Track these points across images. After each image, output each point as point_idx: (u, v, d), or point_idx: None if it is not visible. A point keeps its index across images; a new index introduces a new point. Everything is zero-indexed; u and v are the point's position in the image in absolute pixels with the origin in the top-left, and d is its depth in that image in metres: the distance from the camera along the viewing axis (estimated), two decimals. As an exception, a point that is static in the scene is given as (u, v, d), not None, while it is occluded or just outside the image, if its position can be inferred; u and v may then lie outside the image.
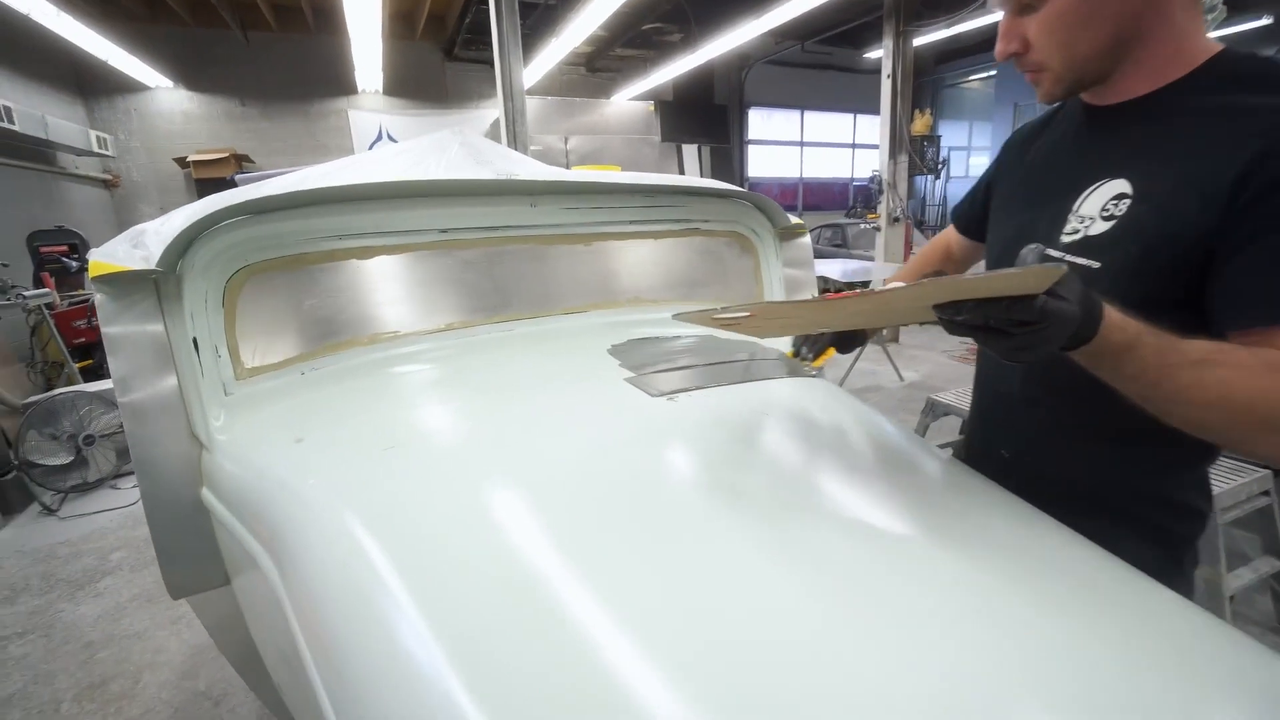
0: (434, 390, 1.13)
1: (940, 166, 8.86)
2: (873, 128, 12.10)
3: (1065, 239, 0.79)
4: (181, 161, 7.41)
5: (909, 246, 6.44)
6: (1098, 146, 0.80)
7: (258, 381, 1.06)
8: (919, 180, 10.55)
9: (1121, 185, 0.74)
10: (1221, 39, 0.74)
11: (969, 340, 0.59)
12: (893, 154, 6.00)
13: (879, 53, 5.83)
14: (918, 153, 5.98)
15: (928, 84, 11.45)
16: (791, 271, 1.65)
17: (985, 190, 1.04)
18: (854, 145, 12.66)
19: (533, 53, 6.66)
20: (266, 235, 1.10)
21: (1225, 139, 0.66)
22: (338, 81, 7.98)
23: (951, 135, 11.76)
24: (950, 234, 1.14)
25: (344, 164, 1.45)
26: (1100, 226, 0.75)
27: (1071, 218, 0.79)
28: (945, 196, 11.32)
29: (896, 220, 6.18)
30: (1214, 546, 1.97)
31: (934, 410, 2.99)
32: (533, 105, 6.08)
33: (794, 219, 1.65)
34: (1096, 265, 0.75)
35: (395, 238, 1.23)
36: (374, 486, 0.80)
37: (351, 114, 8.02)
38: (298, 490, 0.83)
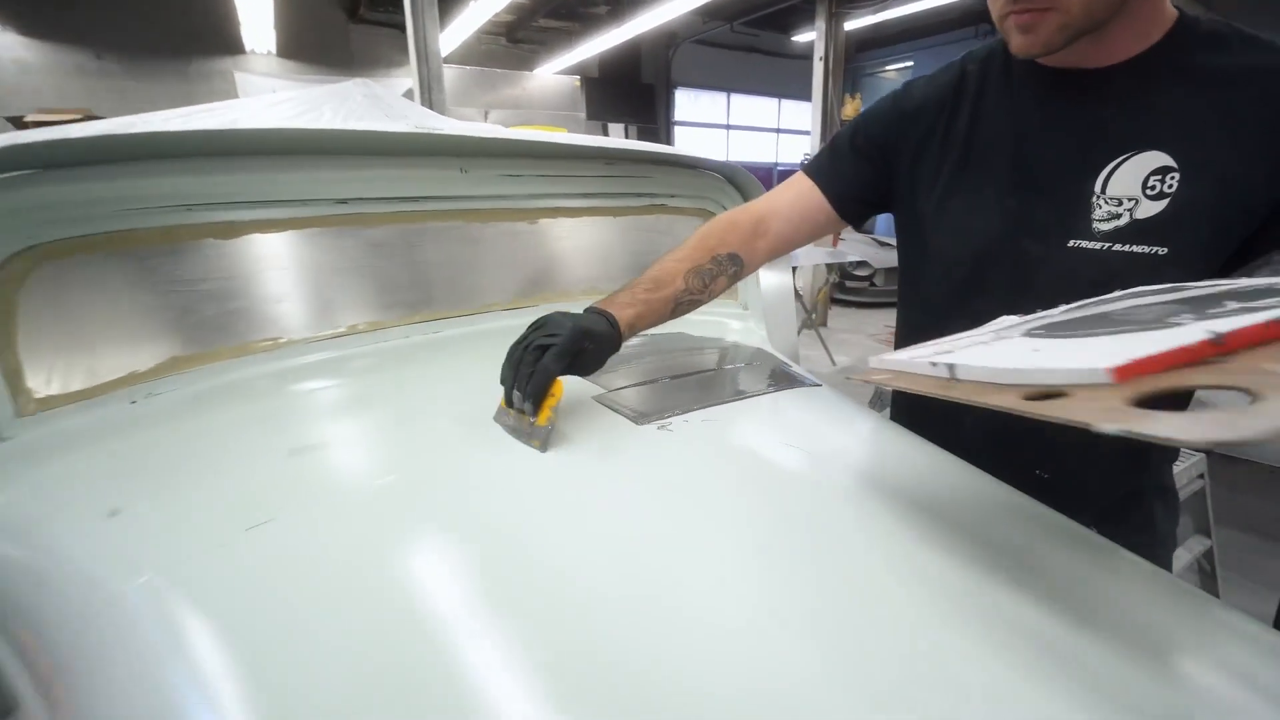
0: (329, 424, 0.83)
1: (868, 152, 8.98)
2: (797, 113, 12.24)
3: (1102, 226, 0.69)
4: (18, 122, 6.27)
5: (837, 231, 6.47)
6: (1098, 116, 0.70)
7: (55, 418, 0.72)
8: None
9: (1159, 158, 0.66)
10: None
11: (892, 324, 0.57)
12: (824, 138, 5.97)
13: (806, 37, 5.76)
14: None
15: (848, 71, 11.68)
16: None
17: (876, 160, 0.85)
18: (779, 130, 12.77)
19: (449, 18, 6.11)
20: (70, 200, 0.75)
21: (1268, 102, 0.63)
22: (221, 38, 7.00)
23: (870, 123, 11.99)
24: (778, 201, 0.92)
25: (202, 110, 1.09)
26: (1151, 207, 0.67)
27: (1099, 201, 0.69)
28: (866, 183, 11.59)
29: (828, 205, 6.18)
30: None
31: (882, 399, 2.92)
32: (450, 75, 5.53)
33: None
34: (1163, 251, 0.67)
35: (273, 209, 0.91)
36: (233, 593, 0.51)
37: (239, 77, 7.06)
38: (108, 597, 0.53)
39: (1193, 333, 0.41)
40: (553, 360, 0.68)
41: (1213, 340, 0.40)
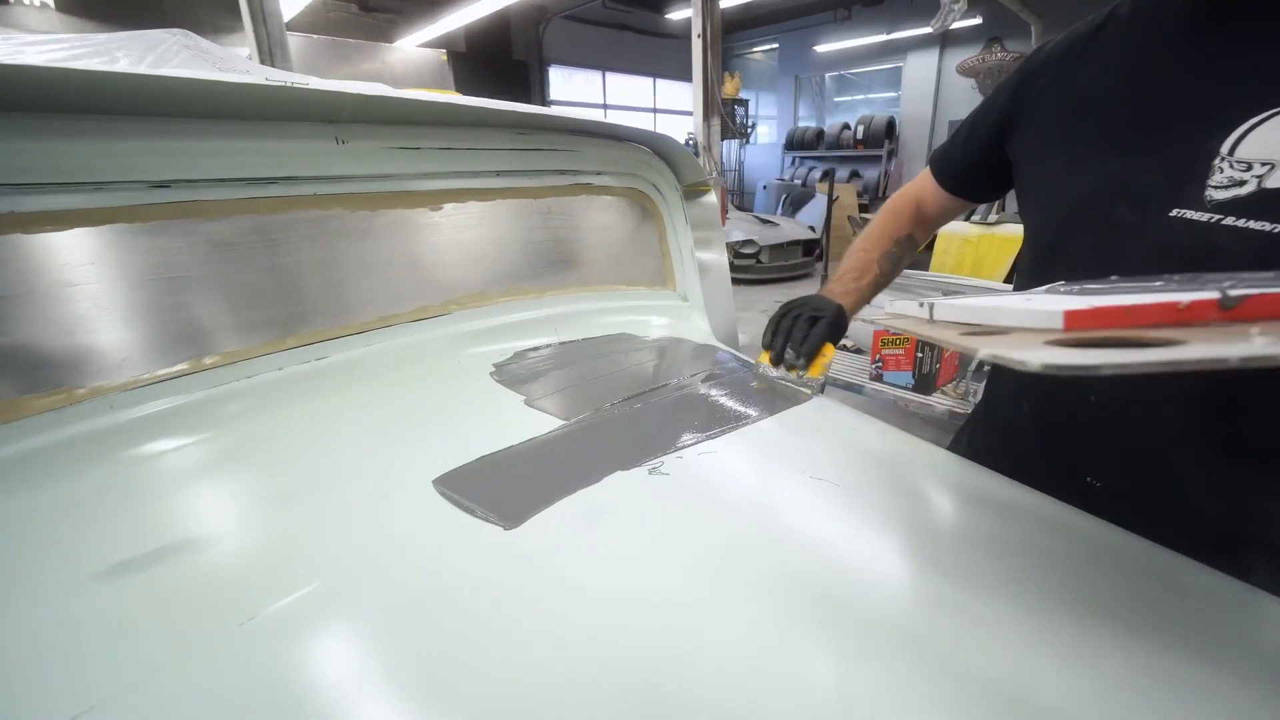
0: (168, 516, 0.55)
1: (749, 130, 9.17)
2: (672, 92, 12.30)
3: (1217, 195, 0.56)
4: None
5: (725, 209, 6.55)
6: (1253, 58, 0.56)
7: None
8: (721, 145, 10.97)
9: None
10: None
11: (781, 299, 0.50)
12: (706, 116, 5.98)
13: (679, 15, 5.70)
14: (729, 115, 6.03)
15: (721, 51, 11.87)
16: (702, 236, 1.30)
17: (994, 132, 0.78)
18: (655, 110, 12.77)
19: (285, -26, 5.32)
20: None
21: None
22: (-27, -15, 5.63)
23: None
24: (924, 186, 0.94)
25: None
26: None
27: (1222, 164, 0.56)
28: (742, 161, 11.92)
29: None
30: None
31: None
32: (295, 44, 4.78)
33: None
34: None
35: (44, 196, 0.61)
36: None
37: (3, 34, 5.74)
38: None
39: (1200, 294, 0.34)
40: (824, 328, 0.82)
41: (1220, 301, 0.33)
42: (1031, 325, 0.39)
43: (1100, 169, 0.64)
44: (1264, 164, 0.54)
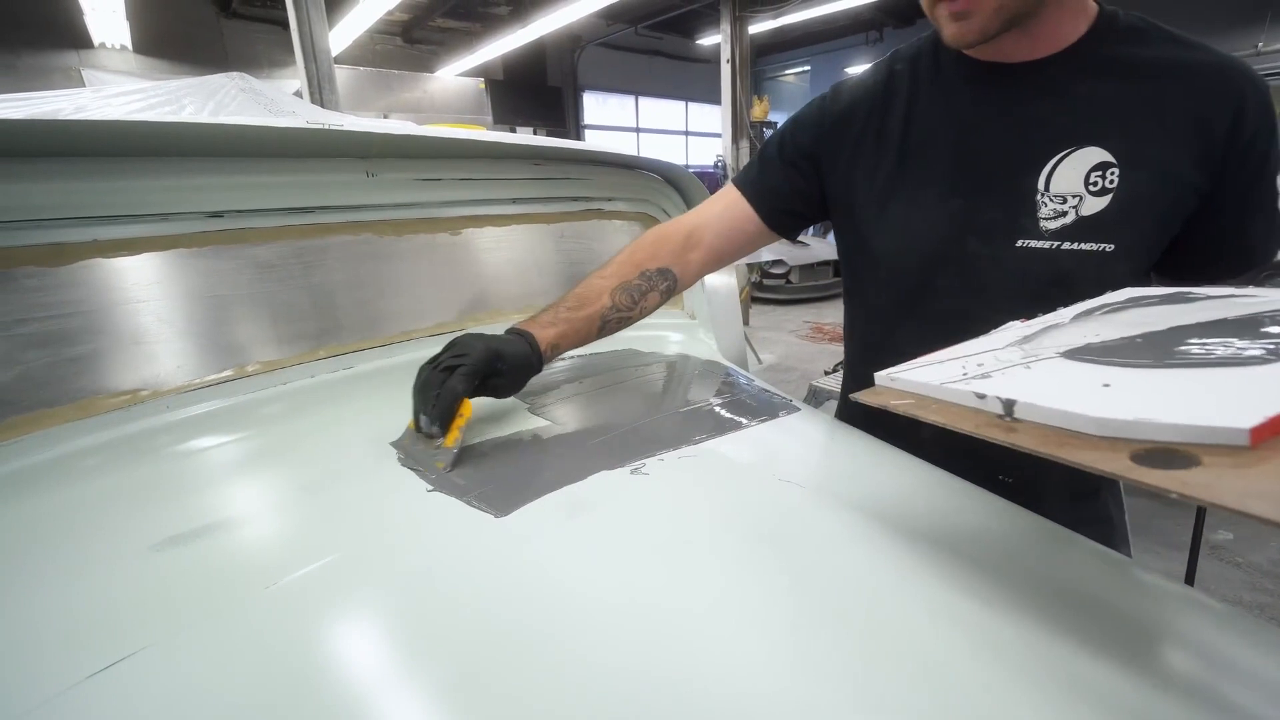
0: (211, 502, 0.64)
1: (777, 152, 9.24)
2: (704, 116, 12.48)
3: (1050, 225, 0.68)
4: None
5: (753, 231, 6.59)
6: (1035, 111, 0.68)
7: None
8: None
9: (1099, 153, 0.65)
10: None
11: (810, 319, 0.67)
12: (735, 139, 6.08)
13: (709, 40, 5.84)
14: (758, 138, 6.13)
15: (751, 75, 12.05)
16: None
17: (805, 169, 0.82)
18: (687, 133, 12.97)
19: (336, 14, 5.68)
20: None
21: (1191, 95, 0.64)
22: (61, 28, 6.11)
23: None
24: (708, 216, 0.87)
25: (13, 99, 0.87)
26: (1095, 204, 0.66)
27: (1044, 199, 0.68)
28: (773, 183, 11.97)
29: (742, 205, 6.29)
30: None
31: (816, 397, 2.94)
32: (342, 76, 5.10)
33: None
34: (1110, 248, 0.66)
35: (121, 226, 0.71)
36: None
37: (89, 75, 6.23)
38: None
39: None
40: (460, 381, 0.65)
41: None
42: (1211, 441, 0.33)
43: (944, 210, 0.72)
44: (1074, 195, 0.66)
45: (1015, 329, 0.58)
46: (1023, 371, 0.46)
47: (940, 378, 0.47)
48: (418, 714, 0.40)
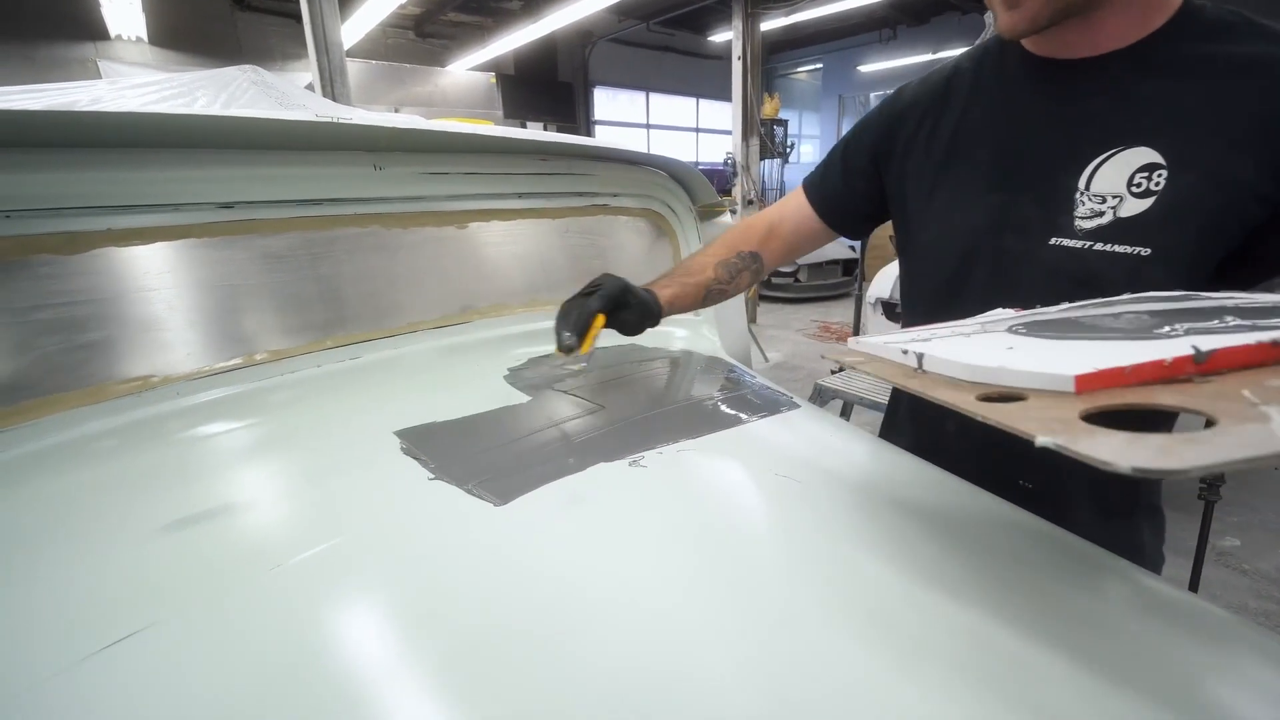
0: (220, 485, 0.66)
1: (788, 150, 9.22)
2: (715, 112, 12.43)
3: (1085, 224, 0.66)
4: None
5: (762, 229, 6.58)
6: (1088, 109, 0.66)
7: None
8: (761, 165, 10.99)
9: (1147, 154, 0.62)
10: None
11: (818, 319, 0.65)
12: (745, 136, 6.06)
13: (720, 37, 5.81)
14: (768, 135, 6.09)
15: (763, 72, 11.98)
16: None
17: (869, 165, 0.86)
18: (698, 130, 12.92)
19: (349, 8, 5.70)
20: None
21: (1266, 95, 0.59)
22: (77, 20, 6.15)
23: (783, 123, 12.38)
24: (784, 211, 0.95)
25: (29, 90, 0.89)
26: (1135, 205, 0.63)
27: (1082, 198, 0.66)
28: (784, 181, 11.95)
29: (751, 203, 6.27)
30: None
31: (821, 395, 2.94)
32: (354, 70, 5.12)
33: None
34: (1146, 252, 0.63)
35: (134, 216, 0.73)
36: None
37: (105, 66, 6.29)
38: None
39: (1176, 346, 0.38)
40: (596, 301, 0.77)
41: (1194, 357, 0.37)
42: (1043, 387, 0.39)
43: (983, 204, 0.73)
44: (1114, 196, 0.64)
45: (1001, 314, 0.60)
46: (961, 340, 0.51)
47: (888, 340, 0.53)
48: (417, 693, 0.41)
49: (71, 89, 1.07)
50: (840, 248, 7.33)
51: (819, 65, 11.20)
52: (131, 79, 1.29)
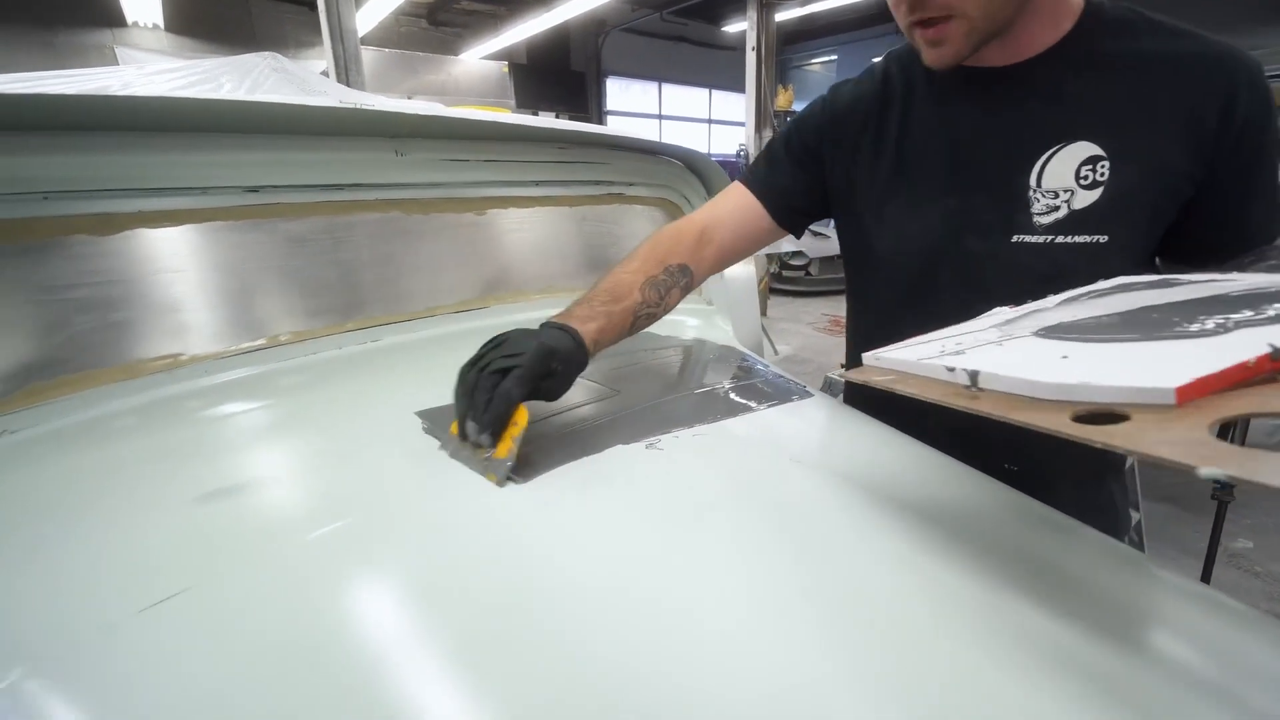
0: (246, 461, 0.68)
1: (799, 143, 9.11)
2: (728, 104, 12.35)
3: (1042, 220, 0.70)
4: None
5: (773, 221, 6.54)
6: (1024, 111, 0.70)
7: None
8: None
9: (1089, 148, 0.67)
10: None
11: (829, 312, 0.64)
12: (758, 128, 6.03)
13: (734, 27, 5.76)
14: (782, 127, 6.03)
15: (777, 64, 11.88)
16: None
17: (811, 166, 0.84)
18: (710, 121, 12.86)
19: (363, -6, 5.71)
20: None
21: (1181, 85, 0.65)
22: (96, 6, 6.20)
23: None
24: (718, 213, 0.87)
25: (62, 75, 0.90)
26: (1086, 197, 0.68)
27: (1036, 195, 0.70)
28: (795, 174, 11.84)
29: (763, 195, 6.24)
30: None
31: (832, 389, 2.94)
32: (368, 57, 5.13)
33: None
34: (1105, 239, 0.68)
35: (165, 198, 0.74)
36: (133, 694, 0.39)
37: (121, 53, 6.34)
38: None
39: (1249, 345, 0.37)
40: (515, 385, 0.60)
41: (1271, 354, 0.36)
42: (1143, 401, 0.36)
43: (939, 210, 0.75)
44: (1065, 190, 0.68)
45: (1003, 314, 0.59)
46: (994, 349, 0.49)
47: (919, 355, 0.50)
48: (441, 660, 0.42)
49: (101, 74, 1.09)
50: (852, 242, 7.27)
51: (834, 57, 11.09)
52: (156, 65, 1.32)
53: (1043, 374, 0.40)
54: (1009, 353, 0.47)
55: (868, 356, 0.54)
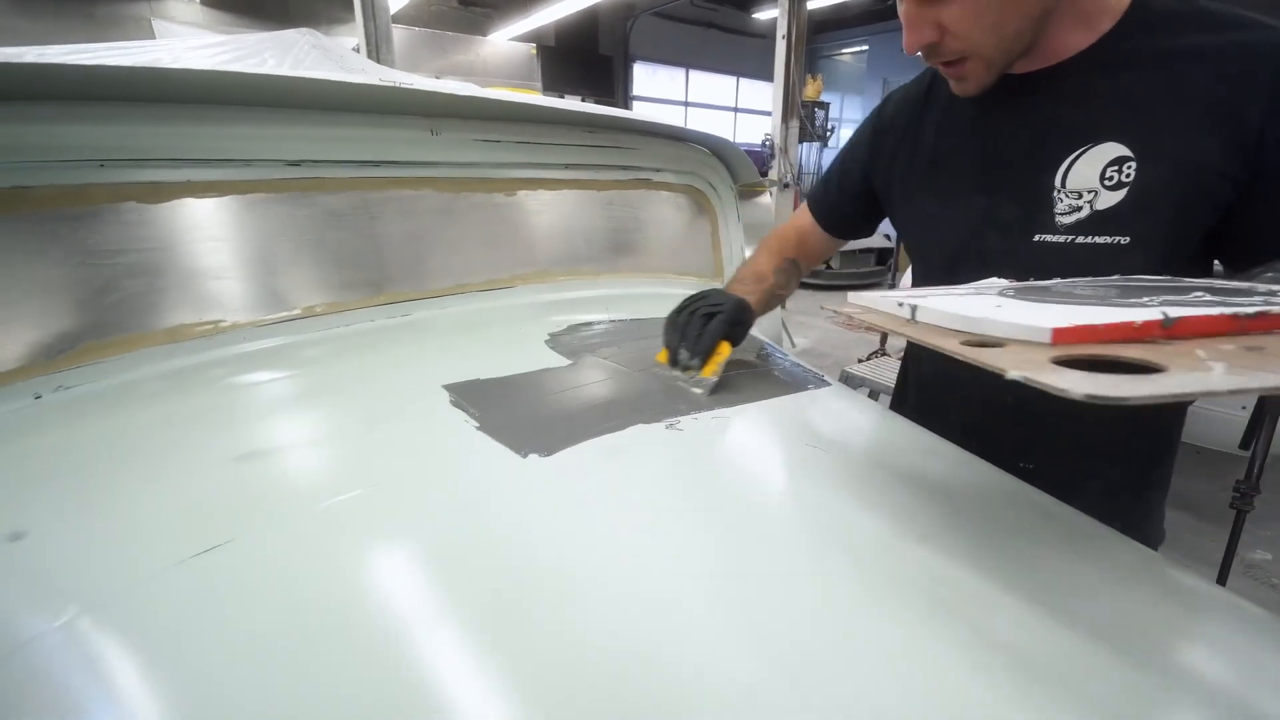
0: (283, 424, 0.71)
1: (828, 133, 9.01)
2: (755, 92, 12.19)
3: (1065, 219, 0.70)
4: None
5: (797, 213, 6.48)
6: (1053, 114, 0.71)
7: (-65, 419, 0.59)
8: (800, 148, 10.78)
9: (1116, 148, 0.66)
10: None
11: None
12: (785, 118, 5.95)
13: (765, 14, 5.67)
14: (809, 118, 5.97)
15: (807, 53, 11.67)
16: (755, 234, 1.38)
17: (860, 181, 0.93)
18: (736, 109, 12.72)
19: (395, -29, 5.71)
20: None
21: (1220, 80, 0.62)
22: (134, -20, 6.34)
23: (825, 106, 12.08)
24: (804, 222, 1.02)
25: (115, 47, 0.93)
26: (1110, 198, 0.67)
27: (1060, 195, 0.70)
28: (820, 165, 11.73)
29: (786, 186, 6.18)
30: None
31: (849, 383, 2.94)
32: (398, 36, 5.16)
33: (755, 174, 1.38)
34: (1125, 240, 0.68)
35: (210, 169, 0.77)
36: (182, 636, 0.42)
37: (158, 26, 6.44)
38: (16, 644, 0.42)
39: (1148, 313, 0.42)
40: (720, 325, 0.80)
41: (1162, 322, 0.41)
42: (1023, 338, 0.43)
43: (966, 206, 0.77)
44: (1089, 191, 0.68)
45: (999, 283, 0.63)
46: (953, 298, 0.55)
47: (885, 295, 0.58)
48: (463, 620, 0.45)
49: (151, 47, 1.12)
50: (876, 237, 7.19)
51: (864, 47, 10.88)
52: (199, 39, 1.34)
53: (966, 313, 0.47)
54: (958, 301, 0.53)
55: (851, 296, 0.61)
